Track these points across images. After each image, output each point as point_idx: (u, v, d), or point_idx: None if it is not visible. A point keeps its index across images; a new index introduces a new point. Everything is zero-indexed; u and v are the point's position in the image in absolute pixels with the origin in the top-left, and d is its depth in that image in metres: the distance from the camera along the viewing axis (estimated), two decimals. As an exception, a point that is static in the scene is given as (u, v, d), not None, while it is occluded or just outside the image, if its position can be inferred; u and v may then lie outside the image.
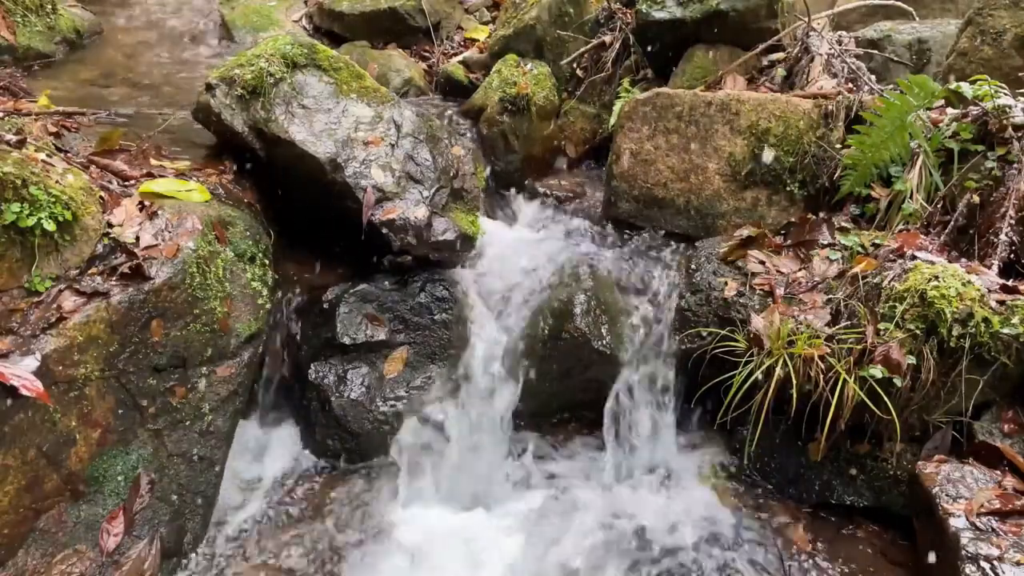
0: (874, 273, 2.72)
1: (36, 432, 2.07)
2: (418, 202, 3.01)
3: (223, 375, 2.53)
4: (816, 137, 3.26)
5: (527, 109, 3.94)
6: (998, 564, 2.10)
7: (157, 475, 2.38)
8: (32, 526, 2.11)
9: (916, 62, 4.09)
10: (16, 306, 2.12)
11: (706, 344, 2.85)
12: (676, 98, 3.41)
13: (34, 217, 2.12)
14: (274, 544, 2.59)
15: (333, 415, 2.87)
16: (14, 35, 3.96)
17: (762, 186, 3.32)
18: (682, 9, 3.75)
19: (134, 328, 2.27)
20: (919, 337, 2.50)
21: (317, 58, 3.11)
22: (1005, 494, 2.30)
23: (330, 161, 2.91)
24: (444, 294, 3.05)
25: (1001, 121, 2.92)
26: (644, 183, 3.44)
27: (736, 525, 2.73)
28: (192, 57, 4.62)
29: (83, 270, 2.26)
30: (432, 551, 2.64)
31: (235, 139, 2.96)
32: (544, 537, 2.72)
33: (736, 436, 2.96)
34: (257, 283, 2.65)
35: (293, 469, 2.88)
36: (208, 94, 2.93)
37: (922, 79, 2.98)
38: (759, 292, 2.91)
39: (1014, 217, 2.80)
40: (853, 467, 2.75)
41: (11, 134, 2.42)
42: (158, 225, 2.42)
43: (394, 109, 3.17)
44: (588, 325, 3.00)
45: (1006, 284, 2.57)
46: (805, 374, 2.58)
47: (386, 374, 2.95)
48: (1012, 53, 3.54)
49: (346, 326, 2.95)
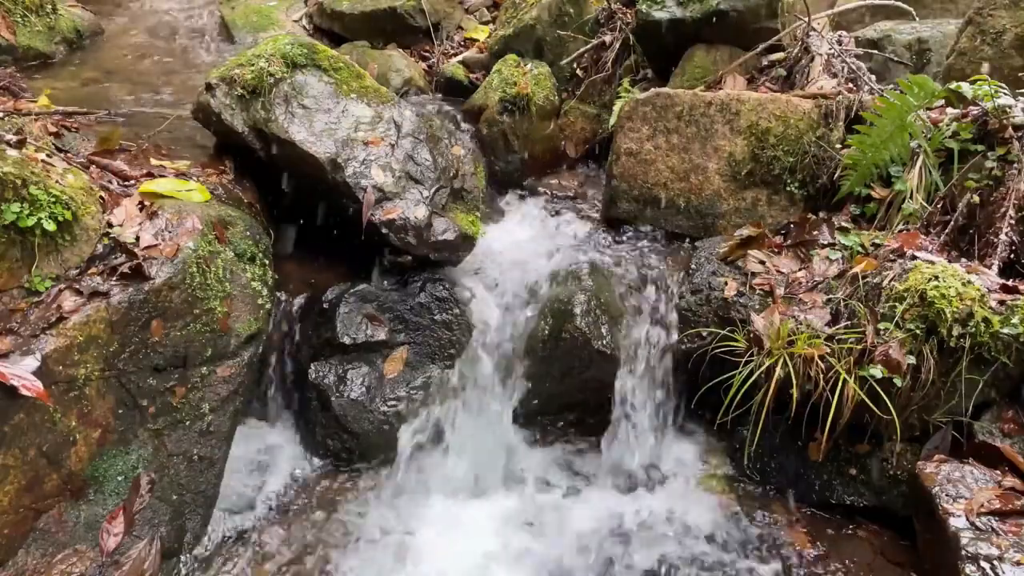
0: (874, 273, 2.72)
1: (36, 432, 2.07)
2: (418, 202, 3.01)
3: (223, 375, 2.53)
4: (816, 137, 3.26)
5: (527, 109, 3.94)
6: (998, 564, 2.10)
7: (157, 475, 2.38)
8: (32, 526, 2.11)
9: (916, 62, 4.09)
10: (16, 306, 2.12)
11: (706, 344, 2.85)
12: (676, 98, 3.40)
13: (34, 217, 2.12)
14: (274, 543, 2.59)
15: (333, 415, 2.87)
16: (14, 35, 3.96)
17: (762, 186, 3.32)
18: (682, 9, 3.75)
19: (134, 328, 2.27)
20: (919, 337, 2.50)
21: (317, 58, 3.11)
22: (1005, 494, 2.30)
23: (330, 161, 2.91)
24: (444, 294, 3.05)
25: (1001, 121, 2.92)
26: (644, 183, 3.44)
27: (736, 525, 2.73)
28: (192, 57, 4.62)
29: (83, 270, 2.26)
30: (431, 550, 2.64)
31: (235, 139, 2.96)
32: (542, 537, 2.71)
33: (736, 436, 2.96)
34: (257, 283, 2.65)
35: (293, 469, 2.88)
36: (208, 94, 2.93)
37: (922, 79, 2.98)
38: (759, 292, 2.91)
39: (1014, 217, 2.80)
40: (853, 467, 2.75)
41: (11, 134, 2.42)
42: (158, 225, 2.42)
43: (394, 109, 3.18)
44: (588, 325, 3.00)
45: (1006, 284, 2.57)
46: (805, 374, 2.58)
47: (386, 374, 2.95)
48: (1012, 53, 3.54)
49: (346, 326, 2.95)
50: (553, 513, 2.82)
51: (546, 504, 2.87)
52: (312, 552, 2.58)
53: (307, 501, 2.76)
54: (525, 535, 2.73)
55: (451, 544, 2.67)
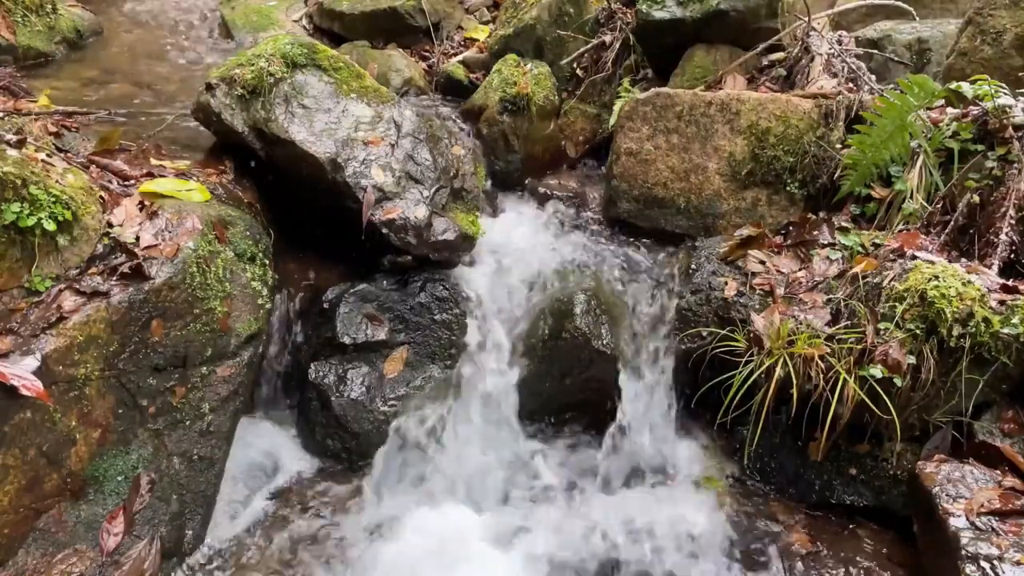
0: (874, 273, 2.72)
1: (36, 432, 2.08)
2: (418, 202, 3.01)
3: (223, 375, 2.53)
4: (816, 137, 3.26)
5: (527, 109, 3.94)
6: (998, 564, 2.10)
7: (157, 475, 2.38)
8: (32, 526, 2.11)
9: (916, 62, 4.09)
10: (16, 306, 2.12)
11: (706, 344, 2.85)
12: (676, 98, 3.40)
13: (34, 217, 2.12)
14: (274, 543, 2.59)
15: (333, 415, 2.87)
16: (14, 35, 3.96)
17: (762, 186, 3.32)
18: (682, 9, 3.75)
19: (134, 328, 2.27)
20: (919, 337, 2.50)
21: (317, 58, 3.11)
22: (1005, 494, 2.30)
23: (330, 161, 2.91)
24: (444, 294, 3.05)
25: (1001, 121, 2.92)
26: (644, 183, 3.43)
27: (736, 525, 2.73)
28: (192, 57, 4.62)
29: (83, 270, 2.26)
30: (430, 549, 2.63)
31: (235, 139, 2.96)
32: (542, 537, 2.71)
33: (736, 436, 2.96)
34: (257, 283, 2.65)
35: (293, 469, 2.88)
36: (208, 94, 2.93)
37: (922, 79, 2.98)
38: (759, 292, 2.91)
39: (1014, 217, 2.80)
40: (853, 467, 2.75)
41: (11, 134, 2.42)
42: (158, 225, 2.42)
43: (394, 109, 3.18)
44: (588, 325, 3.00)
45: (1006, 284, 2.57)
46: (805, 374, 2.58)
47: (386, 374, 2.95)
48: (1012, 53, 3.54)
49: (346, 326, 2.95)
50: (552, 513, 2.82)
51: (546, 504, 2.87)
52: (312, 551, 2.58)
53: (307, 501, 2.76)
54: (524, 535, 2.73)
55: (450, 543, 2.67)
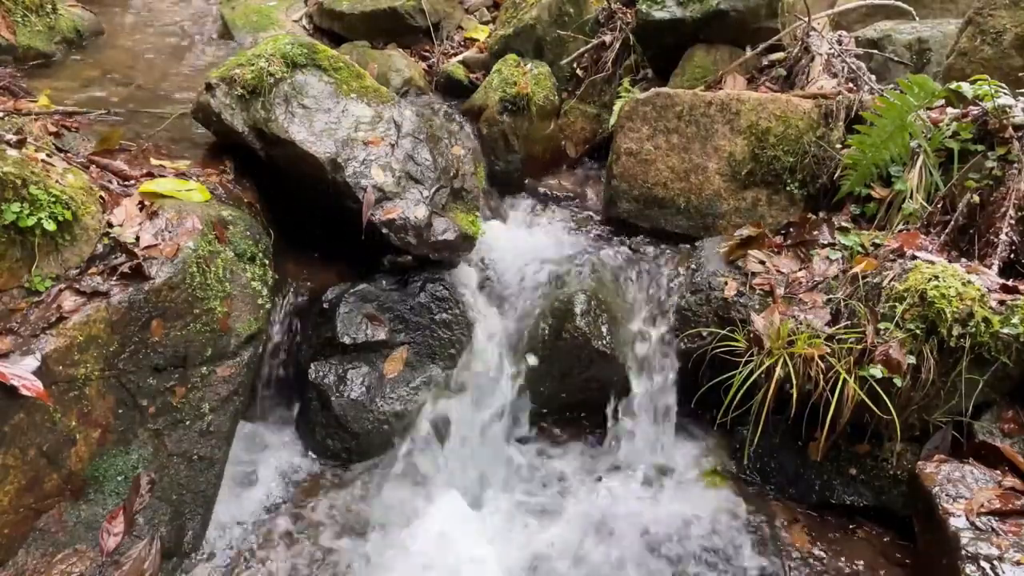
0: (874, 273, 2.72)
1: (36, 432, 2.07)
2: (418, 202, 3.01)
3: (223, 375, 2.53)
4: (816, 137, 3.26)
5: (527, 109, 3.94)
6: (998, 564, 2.10)
7: (157, 475, 2.38)
8: (32, 526, 2.11)
9: (916, 62, 4.09)
10: (16, 306, 2.12)
11: (706, 344, 2.85)
12: (676, 98, 3.41)
13: (34, 217, 2.12)
14: (274, 543, 2.59)
15: (333, 415, 2.87)
16: (14, 35, 3.95)
17: (762, 186, 3.32)
18: (682, 9, 3.75)
19: (134, 328, 2.27)
20: (919, 337, 2.50)
21: (317, 58, 3.11)
22: (1005, 494, 2.30)
23: (330, 161, 2.91)
24: (444, 294, 3.05)
25: (1001, 121, 2.92)
26: (644, 183, 3.44)
27: (736, 525, 2.73)
28: (192, 57, 4.62)
29: (83, 270, 2.26)
30: (430, 548, 2.64)
31: (235, 139, 2.96)
32: (540, 536, 2.71)
33: (736, 436, 2.96)
34: (257, 283, 2.65)
35: (293, 469, 2.88)
36: (208, 94, 2.93)
37: (922, 79, 2.98)
38: (759, 292, 2.91)
39: (1014, 217, 2.80)
40: (853, 467, 2.75)
41: (11, 134, 2.42)
42: (158, 225, 2.42)
43: (394, 109, 3.18)
44: (588, 325, 3.00)
45: (1006, 284, 2.57)
46: (805, 374, 2.58)
47: (386, 374, 2.95)
48: (1012, 53, 3.54)
49: (346, 326, 2.95)
50: (552, 513, 2.82)
51: (545, 504, 2.87)
52: (312, 551, 2.58)
53: (307, 501, 2.76)
54: (523, 534, 2.73)
55: (449, 542, 2.67)
